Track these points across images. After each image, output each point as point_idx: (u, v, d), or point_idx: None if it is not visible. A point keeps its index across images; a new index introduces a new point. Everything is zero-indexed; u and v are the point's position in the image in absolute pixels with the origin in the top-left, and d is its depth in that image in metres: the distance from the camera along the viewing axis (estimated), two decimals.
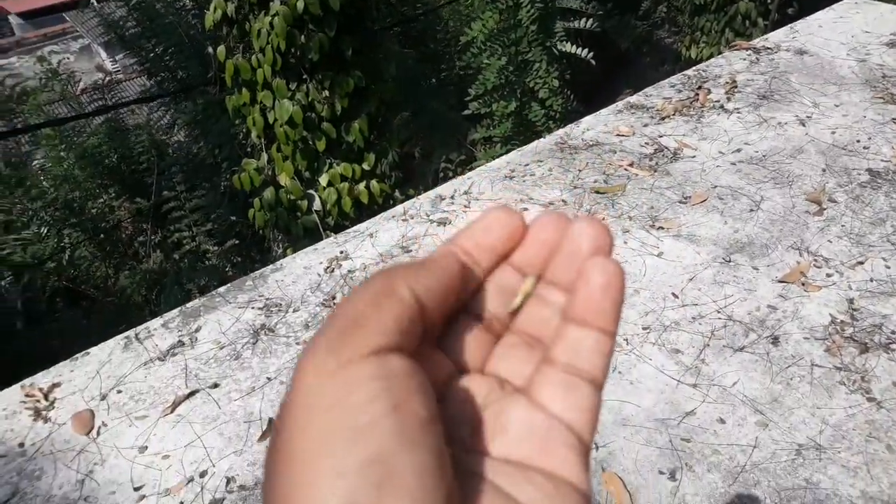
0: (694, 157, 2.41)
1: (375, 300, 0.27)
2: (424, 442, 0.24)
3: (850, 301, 1.85)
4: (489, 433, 0.29)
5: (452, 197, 2.33)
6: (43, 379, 1.82)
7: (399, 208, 2.31)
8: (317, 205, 3.93)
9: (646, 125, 2.59)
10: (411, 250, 2.13)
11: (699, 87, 2.77)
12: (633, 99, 2.71)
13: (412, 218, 2.26)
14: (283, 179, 3.92)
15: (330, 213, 3.93)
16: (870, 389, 1.64)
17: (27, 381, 1.82)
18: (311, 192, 3.96)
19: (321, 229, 3.87)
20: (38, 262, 5.32)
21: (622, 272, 0.30)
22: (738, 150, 2.42)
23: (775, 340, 1.76)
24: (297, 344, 1.86)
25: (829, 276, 1.92)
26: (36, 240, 5.57)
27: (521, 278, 0.34)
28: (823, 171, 2.29)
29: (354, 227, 2.26)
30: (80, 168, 6.00)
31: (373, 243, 2.18)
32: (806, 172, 2.29)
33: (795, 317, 1.82)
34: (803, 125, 2.52)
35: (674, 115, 2.61)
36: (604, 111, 2.66)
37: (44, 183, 6.08)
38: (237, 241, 5.36)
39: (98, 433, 1.66)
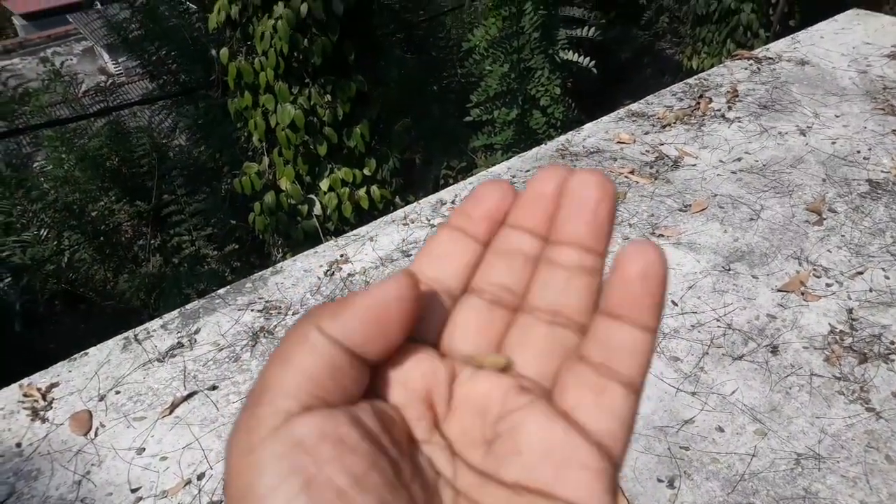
0: (694, 165, 2.42)
1: (283, 356, 0.25)
2: None
3: (850, 311, 1.85)
4: (502, 454, 0.26)
5: (453, 202, 2.33)
6: (41, 379, 1.82)
7: (399, 212, 2.32)
8: (317, 210, 3.93)
9: (647, 133, 2.59)
10: (411, 254, 2.13)
11: (700, 96, 2.78)
12: (635, 107, 2.72)
13: (413, 222, 2.26)
14: (284, 184, 3.92)
15: (330, 218, 3.93)
16: (869, 399, 1.64)
17: (25, 381, 1.82)
18: (312, 196, 3.96)
19: (321, 234, 3.87)
20: (38, 265, 5.31)
21: (664, 259, 0.26)
22: (739, 159, 2.43)
23: (774, 349, 1.76)
24: None
25: (828, 285, 1.93)
26: (35, 242, 5.57)
27: (526, 237, 0.30)
28: (823, 181, 2.30)
29: (355, 231, 2.26)
30: (80, 170, 6.00)
31: (373, 247, 2.18)
32: (806, 182, 2.30)
33: (795, 326, 1.82)
34: (804, 135, 2.52)
35: (675, 123, 2.62)
36: (605, 118, 2.66)
37: (44, 185, 6.07)
38: (237, 246, 5.35)
39: (96, 434, 1.66)
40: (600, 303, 0.27)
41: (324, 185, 3.92)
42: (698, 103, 2.72)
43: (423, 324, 0.29)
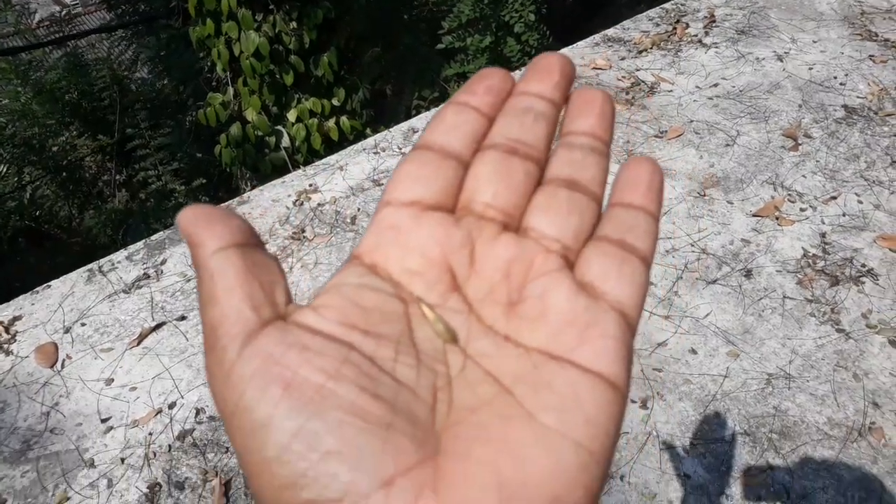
0: (671, 91, 2.37)
1: (207, 297, 0.26)
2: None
3: (823, 235, 1.86)
4: (526, 318, 0.27)
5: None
6: (2, 312, 1.76)
7: (370, 140, 2.25)
8: (285, 142, 3.83)
9: (623, 59, 2.53)
10: (382, 183, 2.08)
11: (677, 21, 2.71)
12: (611, 32, 2.65)
13: (384, 151, 2.20)
14: (250, 115, 3.80)
15: (299, 150, 3.83)
16: (839, 321, 1.66)
17: None
18: (280, 128, 3.85)
19: (290, 167, 3.78)
20: None
21: (661, 168, 0.30)
22: (716, 85, 2.39)
23: (748, 273, 1.77)
24: None
25: (802, 210, 1.93)
26: None
27: (534, 99, 0.31)
28: (800, 106, 2.28)
29: (324, 160, 2.20)
30: (38, 104, 5.76)
31: (343, 176, 2.12)
32: (782, 108, 2.27)
33: (769, 250, 1.82)
34: (781, 61, 2.49)
35: (651, 48, 2.56)
36: (580, 43, 2.59)
37: (0, 119, 5.84)
38: (204, 181, 5.22)
39: (62, 366, 1.62)
40: (612, 196, 0.30)
41: (291, 115, 3.80)
42: (675, 28, 2.66)
43: (437, 189, 0.30)
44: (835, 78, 2.39)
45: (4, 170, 5.31)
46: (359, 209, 2.00)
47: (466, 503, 0.22)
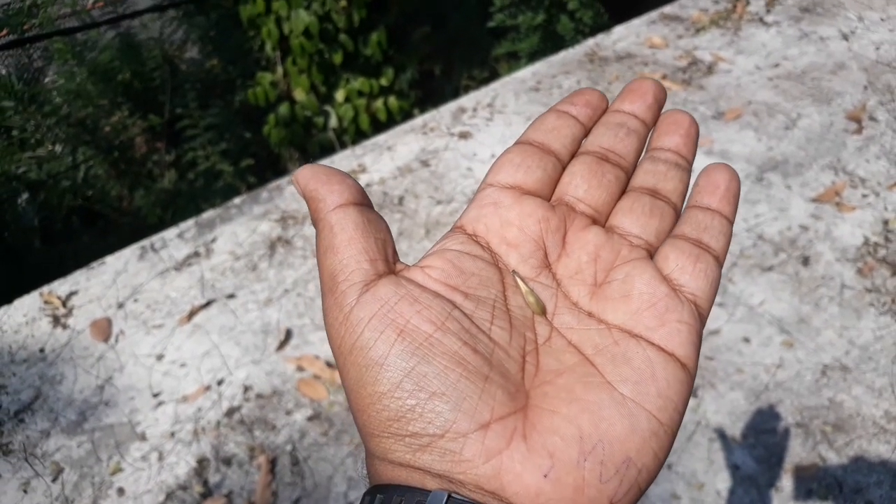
0: (729, 71, 2.30)
1: (326, 247, 0.29)
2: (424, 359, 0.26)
3: (885, 223, 1.78)
4: (610, 299, 0.30)
5: (475, 109, 2.25)
6: (60, 287, 1.81)
7: (418, 120, 2.24)
8: (333, 122, 3.84)
9: (680, 37, 2.46)
10: (431, 164, 2.07)
11: None
12: (668, 9, 2.58)
13: (432, 131, 2.19)
14: (299, 94, 3.83)
15: (346, 130, 3.84)
16: None
17: (45, 289, 1.82)
18: (328, 108, 3.86)
19: (337, 148, 3.79)
20: (54, 180, 5.30)
21: (738, 175, 0.33)
22: (776, 66, 2.31)
23: (805, 261, 1.71)
24: (314, 256, 1.83)
25: (864, 196, 1.85)
26: (50, 157, 5.52)
27: (634, 119, 0.35)
28: (865, 88, 2.18)
29: (372, 140, 2.20)
30: (92, 83, 5.89)
31: (391, 157, 2.11)
32: (846, 89, 2.18)
33: (828, 237, 1.76)
34: (846, 40, 2.38)
35: (710, 26, 2.48)
36: (636, 21, 2.53)
37: (56, 99, 5.98)
38: (252, 161, 5.28)
39: (116, 341, 1.66)
40: (691, 199, 0.33)
41: (339, 95, 3.81)
42: (735, 6, 2.57)
43: (536, 178, 0.33)
44: None
45: (60, 149, 5.45)
46: (406, 190, 1.99)
47: (551, 450, 0.25)
